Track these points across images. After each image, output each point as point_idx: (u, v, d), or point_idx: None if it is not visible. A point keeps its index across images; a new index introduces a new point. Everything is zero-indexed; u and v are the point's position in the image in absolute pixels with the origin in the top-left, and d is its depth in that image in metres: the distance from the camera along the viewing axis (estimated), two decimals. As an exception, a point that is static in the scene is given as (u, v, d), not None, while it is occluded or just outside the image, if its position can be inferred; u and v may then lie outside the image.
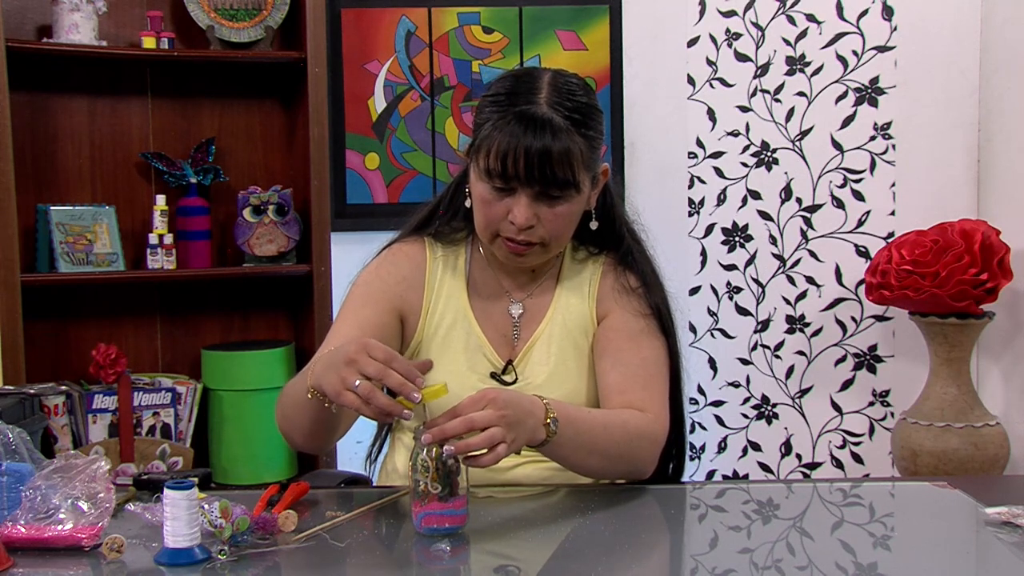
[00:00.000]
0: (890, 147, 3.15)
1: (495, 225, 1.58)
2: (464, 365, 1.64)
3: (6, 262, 2.65)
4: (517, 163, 1.51)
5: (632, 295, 1.67)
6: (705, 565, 1.30)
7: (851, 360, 3.21)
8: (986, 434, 2.83)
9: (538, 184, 1.53)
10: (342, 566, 1.27)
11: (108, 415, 2.79)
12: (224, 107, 3.08)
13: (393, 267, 1.69)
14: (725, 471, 3.23)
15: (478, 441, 1.29)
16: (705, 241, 3.19)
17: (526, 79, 1.58)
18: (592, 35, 3.14)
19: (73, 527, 1.27)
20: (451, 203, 1.73)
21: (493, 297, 1.70)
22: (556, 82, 1.57)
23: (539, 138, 1.51)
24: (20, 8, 2.86)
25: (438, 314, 1.67)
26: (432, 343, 1.66)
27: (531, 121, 1.51)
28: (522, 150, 1.50)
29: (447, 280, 1.69)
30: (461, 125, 3.14)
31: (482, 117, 1.58)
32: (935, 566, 1.28)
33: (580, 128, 1.55)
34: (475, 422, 1.30)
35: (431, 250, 1.71)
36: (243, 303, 3.13)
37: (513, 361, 1.66)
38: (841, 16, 3.14)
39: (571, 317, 1.68)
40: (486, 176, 1.55)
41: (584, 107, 1.57)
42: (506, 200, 1.55)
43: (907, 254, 2.81)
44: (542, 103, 1.53)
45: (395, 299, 1.67)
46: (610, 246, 1.72)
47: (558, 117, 1.52)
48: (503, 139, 1.51)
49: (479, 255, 1.71)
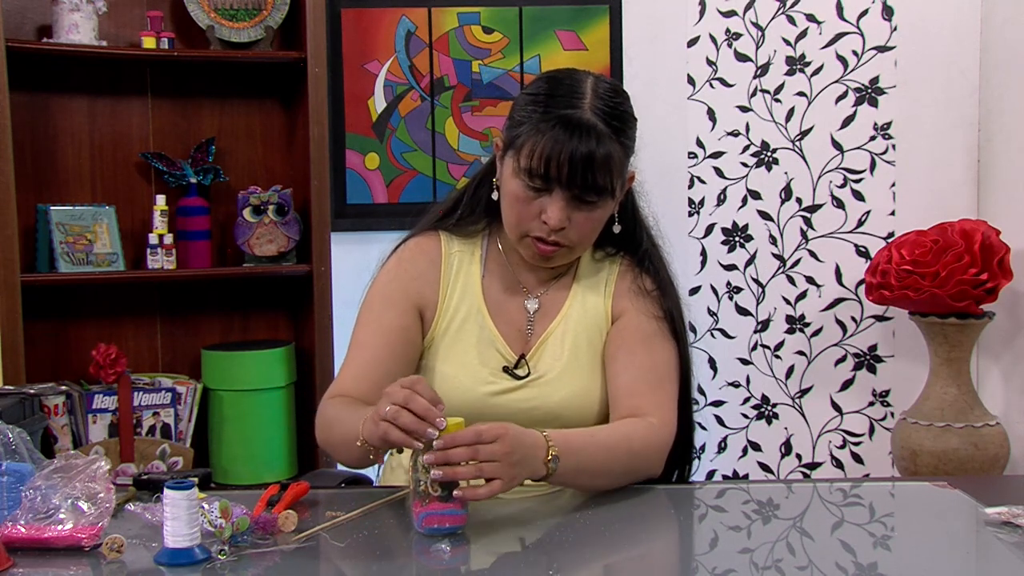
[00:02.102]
0: (890, 147, 3.15)
1: (526, 224, 1.59)
2: (476, 359, 1.65)
3: (6, 262, 2.65)
4: (561, 167, 1.52)
5: (647, 297, 1.68)
6: (705, 565, 1.30)
7: (851, 360, 3.21)
8: (986, 434, 2.83)
9: (578, 188, 1.54)
10: (342, 566, 1.27)
11: (108, 415, 2.79)
12: (224, 107, 3.08)
13: (410, 264, 1.70)
14: (725, 471, 3.23)
15: (467, 472, 1.31)
16: (705, 241, 3.19)
17: (569, 82, 1.58)
18: (592, 35, 3.14)
19: (73, 527, 1.27)
20: (474, 195, 1.73)
21: (509, 292, 1.70)
22: (598, 88, 1.58)
23: (584, 143, 1.52)
24: (20, 8, 2.85)
25: (452, 308, 1.68)
26: (445, 337, 1.66)
27: (577, 126, 1.53)
28: (567, 154, 1.52)
29: (462, 275, 1.70)
30: (461, 125, 3.14)
31: (521, 115, 1.58)
32: (935, 566, 1.28)
33: (619, 136, 1.56)
34: (480, 454, 1.31)
35: (447, 244, 1.71)
36: (243, 303, 3.13)
37: (526, 355, 1.66)
38: (841, 16, 3.14)
39: (587, 314, 1.68)
40: (525, 175, 1.56)
41: (624, 115, 1.59)
42: (540, 200, 1.57)
43: (907, 254, 2.81)
44: (586, 108, 1.54)
45: (414, 296, 1.67)
46: (629, 248, 1.73)
47: (601, 124, 1.54)
48: (548, 141, 1.52)
49: (496, 250, 1.72)
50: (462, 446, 1.31)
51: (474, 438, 1.32)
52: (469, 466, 1.31)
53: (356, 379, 1.61)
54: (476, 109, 3.14)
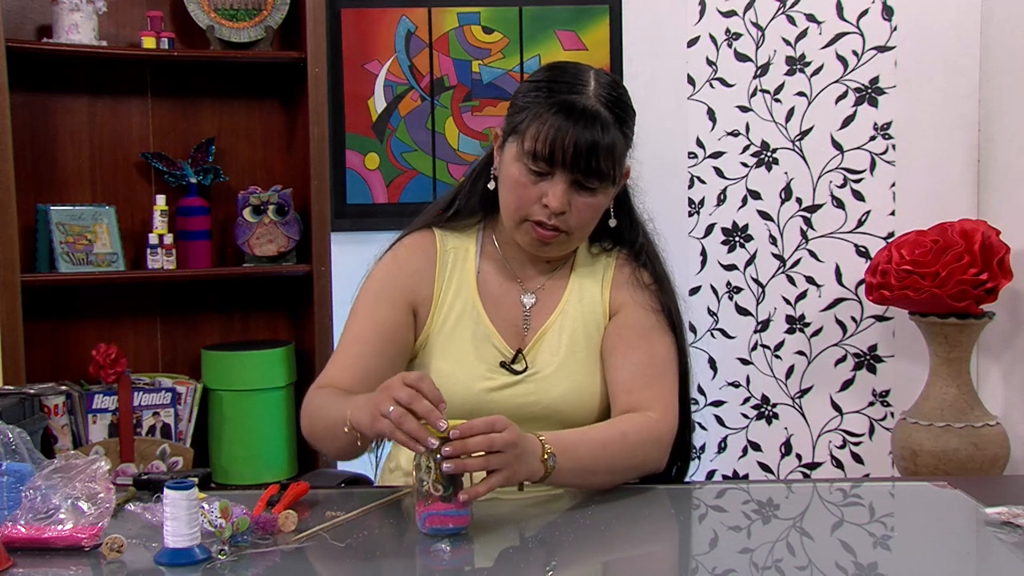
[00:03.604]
0: (890, 147, 3.15)
1: (526, 208, 1.60)
2: (472, 354, 1.65)
3: (6, 262, 2.65)
4: (566, 150, 1.54)
5: (646, 290, 1.69)
6: (705, 565, 1.30)
7: (851, 360, 3.21)
8: (986, 434, 2.83)
9: (580, 173, 1.56)
10: (342, 566, 1.27)
11: (108, 415, 2.79)
12: (224, 107, 3.08)
13: (405, 261, 1.70)
14: (725, 471, 3.23)
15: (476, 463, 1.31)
16: (705, 241, 3.19)
17: (572, 70, 1.61)
18: (592, 35, 3.14)
19: (73, 527, 1.27)
20: (472, 187, 1.74)
21: (504, 287, 1.70)
22: (600, 78, 1.60)
23: (589, 129, 1.54)
24: (20, 8, 2.85)
25: (447, 305, 1.68)
26: (440, 334, 1.67)
27: (582, 112, 1.55)
28: (572, 138, 1.53)
29: (457, 271, 1.70)
30: (461, 125, 3.14)
31: (525, 100, 1.60)
32: (935, 566, 1.28)
33: (621, 125, 1.59)
34: (494, 443, 1.32)
35: (441, 241, 1.72)
36: (243, 303, 3.13)
37: (523, 350, 1.66)
38: (841, 16, 3.14)
39: (584, 308, 1.69)
40: (529, 158, 1.57)
41: (626, 105, 1.61)
42: (541, 184, 1.58)
43: (907, 254, 2.81)
44: (591, 95, 1.57)
45: (408, 293, 1.68)
46: (624, 244, 1.74)
47: (605, 111, 1.56)
48: (553, 124, 1.54)
49: (491, 244, 1.72)
50: (478, 435, 1.31)
51: (488, 427, 1.32)
52: (477, 458, 1.31)
53: (344, 370, 1.62)
54: (476, 109, 3.14)
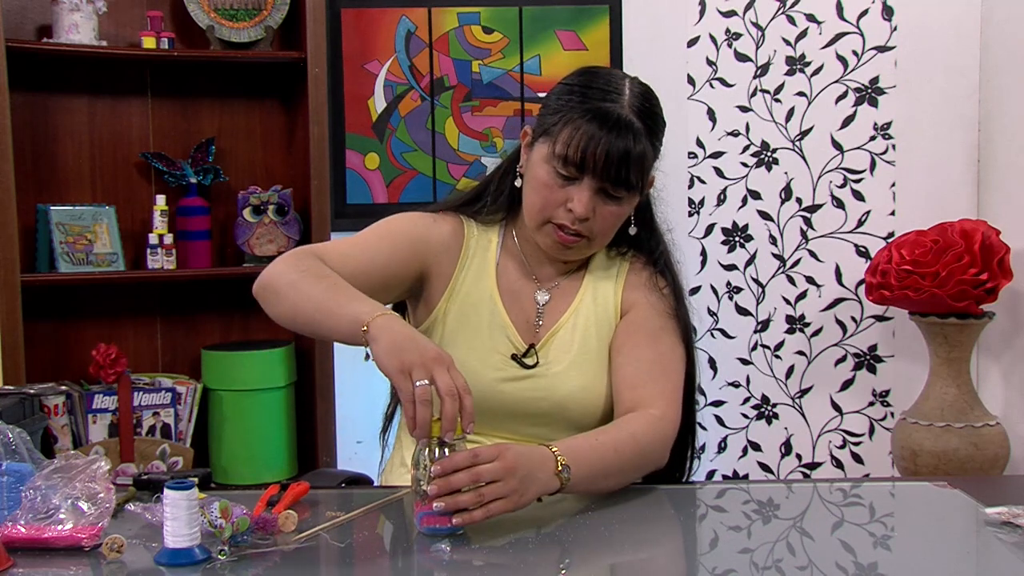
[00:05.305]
0: (890, 147, 3.15)
1: (550, 211, 1.60)
2: (487, 343, 1.65)
3: (6, 262, 2.65)
4: (598, 158, 1.54)
5: (659, 293, 1.69)
6: (705, 565, 1.30)
7: (851, 360, 3.20)
8: (986, 434, 2.82)
9: (609, 182, 1.56)
10: (342, 566, 1.27)
11: (108, 415, 2.79)
12: (224, 107, 3.08)
13: (436, 229, 1.69)
14: (725, 471, 3.23)
15: (468, 499, 1.29)
16: (705, 241, 3.19)
17: (608, 76, 1.61)
18: (592, 35, 3.14)
19: (73, 527, 1.27)
20: (499, 184, 1.74)
21: (520, 283, 1.71)
22: (635, 88, 1.60)
23: (622, 138, 1.54)
24: (20, 8, 2.86)
25: (464, 291, 1.68)
26: (456, 317, 1.66)
27: (616, 120, 1.55)
28: (604, 147, 1.54)
29: (478, 259, 1.70)
30: (461, 125, 3.14)
31: (559, 103, 1.60)
32: (935, 566, 1.28)
33: (652, 137, 1.59)
34: (481, 476, 1.30)
35: (468, 227, 1.72)
36: (243, 303, 3.10)
37: (535, 345, 1.66)
38: (841, 16, 3.14)
39: (597, 307, 1.69)
40: (559, 162, 1.57)
41: (658, 117, 1.62)
42: (568, 188, 1.58)
43: (907, 254, 2.80)
44: (625, 104, 1.57)
45: (429, 257, 1.67)
46: (643, 251, 1.75)
47: (638, 121, 1.57)
48: (587, 132, 1.54)
49: (511, 241, 1.73)
50: (461, 470, 1.29)
51: (471, 460, 1.31)
52: (470, 493, 1.29)
53: (345, 258, 1.60)
54: (476, 109, 3.14)
